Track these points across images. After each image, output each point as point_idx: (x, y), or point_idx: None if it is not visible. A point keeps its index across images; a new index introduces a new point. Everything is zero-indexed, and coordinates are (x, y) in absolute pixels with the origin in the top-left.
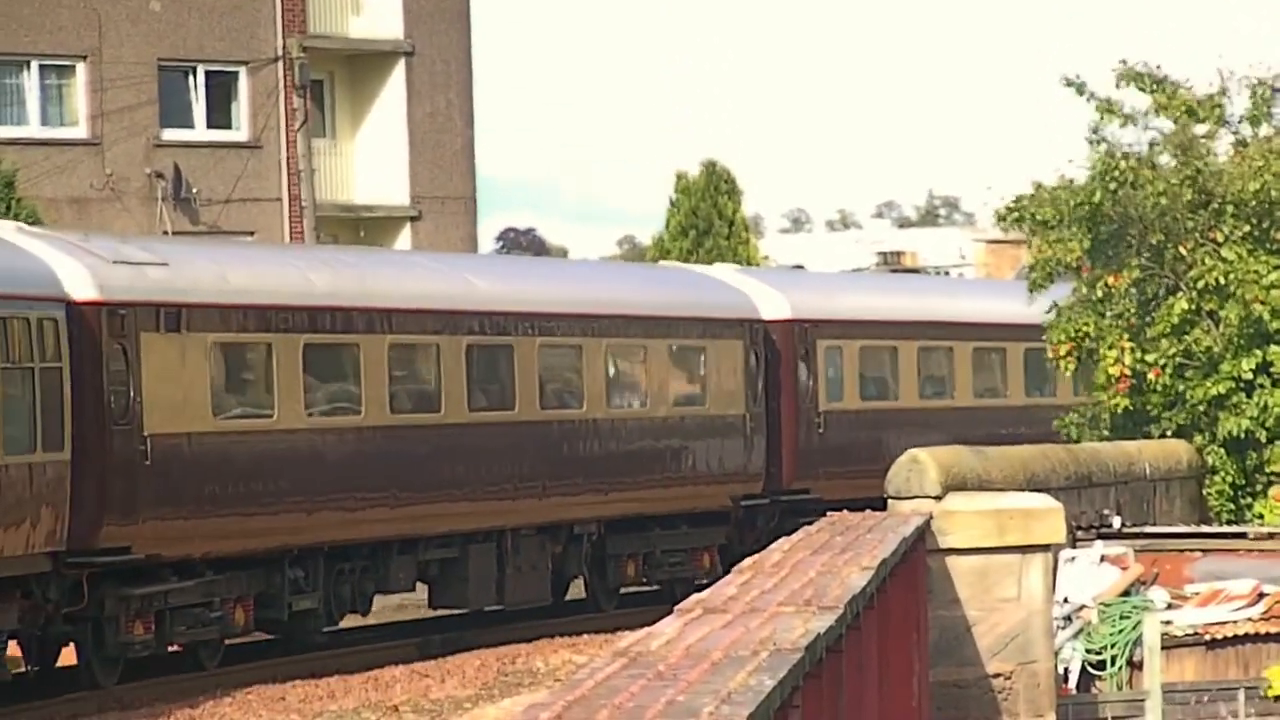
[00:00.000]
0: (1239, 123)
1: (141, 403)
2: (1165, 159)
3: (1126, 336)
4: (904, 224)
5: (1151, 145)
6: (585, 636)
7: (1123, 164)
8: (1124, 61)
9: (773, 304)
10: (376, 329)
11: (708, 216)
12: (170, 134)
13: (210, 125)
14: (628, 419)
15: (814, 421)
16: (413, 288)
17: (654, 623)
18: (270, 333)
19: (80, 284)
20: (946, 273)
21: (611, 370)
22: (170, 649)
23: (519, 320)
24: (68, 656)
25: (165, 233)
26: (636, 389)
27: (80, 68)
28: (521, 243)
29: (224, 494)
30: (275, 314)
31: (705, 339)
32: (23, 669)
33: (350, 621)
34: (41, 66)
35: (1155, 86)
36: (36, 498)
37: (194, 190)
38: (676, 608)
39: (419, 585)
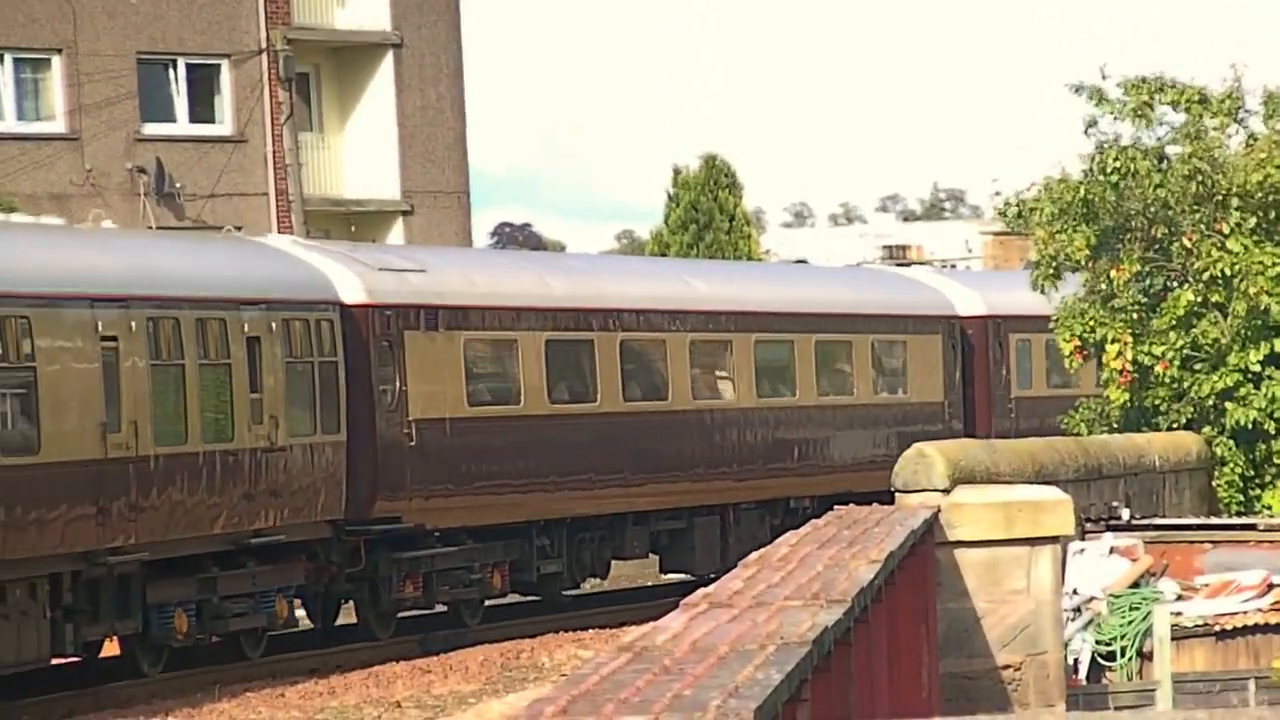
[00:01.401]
0: (1251, 118)
1: (406, 392)
2: (1175, 149)
3: (1128, 330)
4: (908, 217)
5: (1159, 139)
6: (591, 631)
7: (1119, 157)
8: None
9: (969, 302)
10: (609, 327)
11: (708, 211)
12: (151, 128)
13: (193, 119)
14: (836, 406)
15: (1007, 407)
16: (640, 290)
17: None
18: (516, 330)
19: (351, 289)
20: (953, 266)
21: (820, 363)
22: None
23: (736, 319)
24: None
25: (150, 228)
26: (844, 379)
27: (56, 61)
28: (517, 238)
29: (479, 472)
30: (520, 314)
31: (906, 334)
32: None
33: (346, 619)
34: (16, 60)
35: (1160, 90)
36: (318, 474)
37: (177, 185)
38: (682, 602)
39: (651, 553)
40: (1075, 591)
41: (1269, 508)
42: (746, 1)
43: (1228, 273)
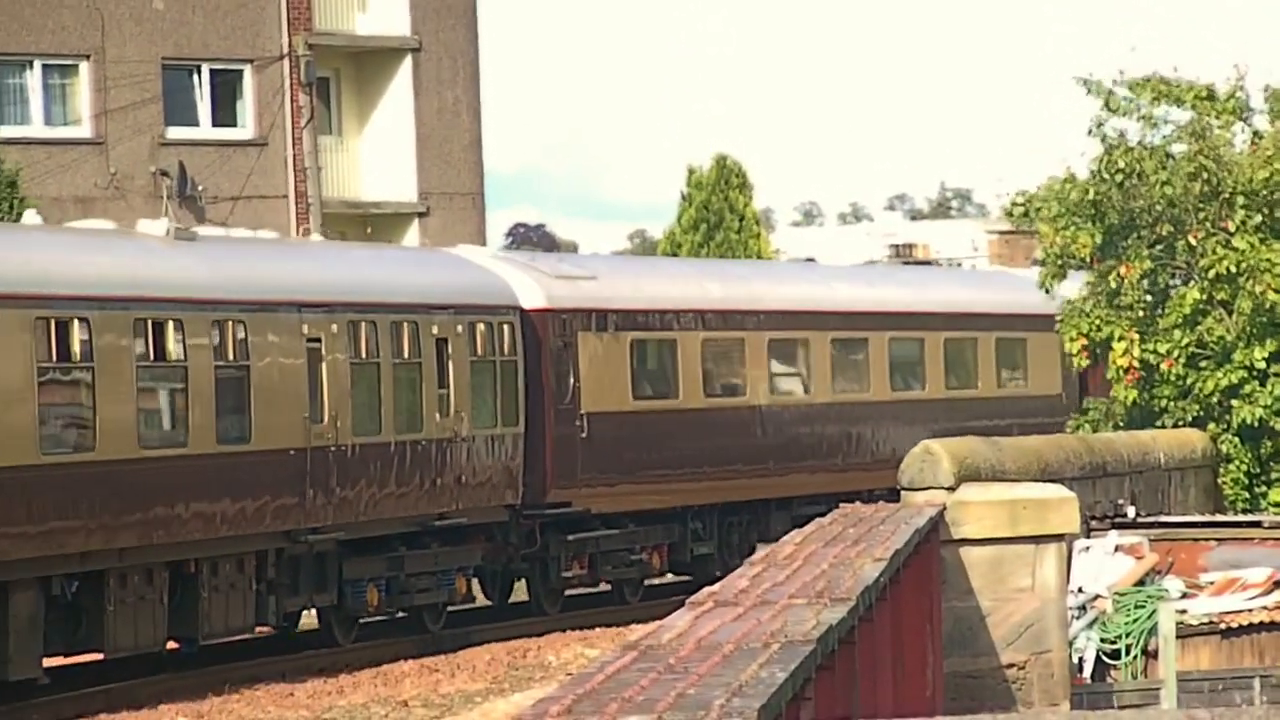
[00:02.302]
0: (1256, 116)
1: (579, 388)
2: (1180, 148)
3: (1134, 328)
4: (916, 216)
5: (1164, 138)
6: (597, 630)
7: (1125, 156)
8: (1122, 71)
9: None
10: (759, 327)
11: (719, 211)
12: (175, 132)
13: (215, 123)
14: (962, 398)
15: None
16: (786, 292)
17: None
18: (675, 331)
19: (531, 295)
20: (959, 264)
21: (948, 358)
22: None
23: (873, 319)
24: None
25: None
26: (970, 373)
27: (83, 67)
28: (531, 238)
29: (641, 461)
30: (679, 316)
31: (1026, 331)
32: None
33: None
34: (44, 66)
35: (1165, 89)
36: (498, 463)
37: (200, 188)
38: (688, 600)
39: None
40: (1080, 590)
41: (1275, 505)
42: (755, 2)
43: (1233, 270)
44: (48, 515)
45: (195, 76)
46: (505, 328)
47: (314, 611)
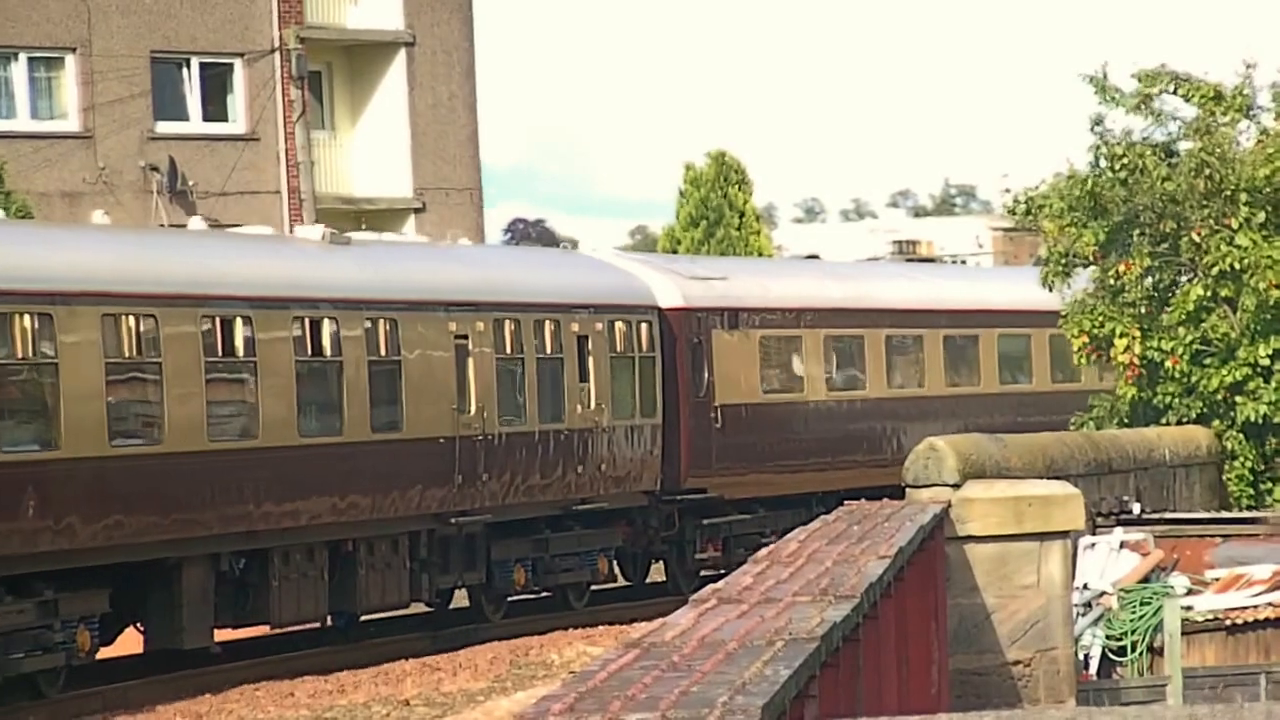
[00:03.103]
0: (1262, 114)
1: (712, 382)
2: (1186, 145)
3: (1136, 325)
4: (919, 213)
5: (1168, 134)
6: (600, 628)
7: (1127, 152)
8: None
9: None
10: (876, 325)
11: (718, 207)
12: (164, 126)
13: (206, 117)
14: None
15: None
16: (902, 293)
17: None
18: (800, 329)
19: (668, 295)
20: (963, 261)
21: (1053, 354)
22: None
23: (982, 316)
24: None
25: (161, 226)
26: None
27: (70, 59)
28: (531, 234)
29: (770, 450)
30: (804, 314)
31: None
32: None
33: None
34: (30, 59)
35: (1172, 83)
36: (637, 452)
37: (190, 183)
38: (692, 598)
39: None
40: (1085, 586)
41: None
42: (758, 1)
43: (1237, 267)
44: (216, 498)
45: (185, 70)
46: (644, 326)
47: (464, 590)
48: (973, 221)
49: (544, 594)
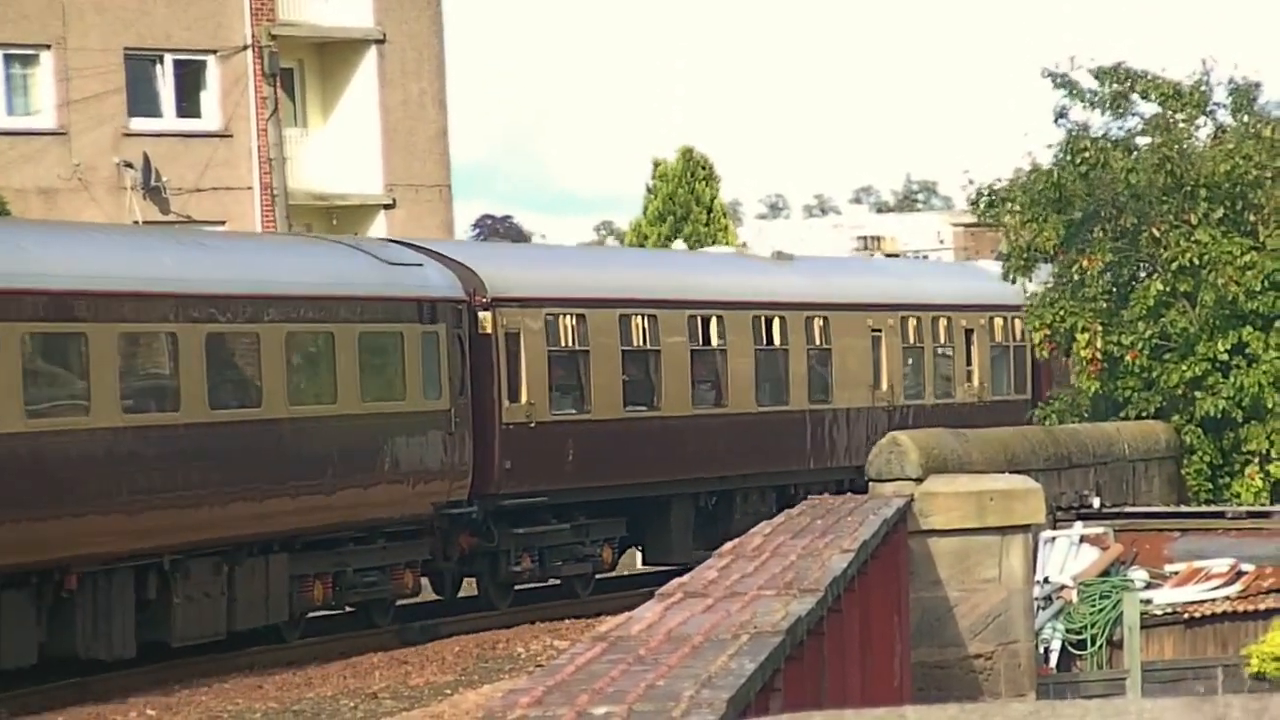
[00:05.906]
0: (1219, 111)
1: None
2: (1144, 140)
3: (1097, 320)
4: (882, 209)
5: (1128, 131)
6: (566, 622)
7: (1089, 146)
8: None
9: None
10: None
11: (685, 203)
12: (139, 123)
13: (180, 114)
14: None
15: None
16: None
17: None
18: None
19: None
20: (925, 257)
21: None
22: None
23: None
24: None
25: (135, 222)
26: None
27: (45, 56)
28: (499, 230)
29: None
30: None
31: None
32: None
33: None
34: (5, 56)
35: (1131, 80)
36: (1011, 420)
37: (164, 179)
38: (657, 592)
39: None
40: (1046, 580)
41: (1237, 496)
42: None
43: (1196, 262)
44: (699, 452)
45: (158, 66)
46: (1017, 321)
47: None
48: (934, 217)
49: None
